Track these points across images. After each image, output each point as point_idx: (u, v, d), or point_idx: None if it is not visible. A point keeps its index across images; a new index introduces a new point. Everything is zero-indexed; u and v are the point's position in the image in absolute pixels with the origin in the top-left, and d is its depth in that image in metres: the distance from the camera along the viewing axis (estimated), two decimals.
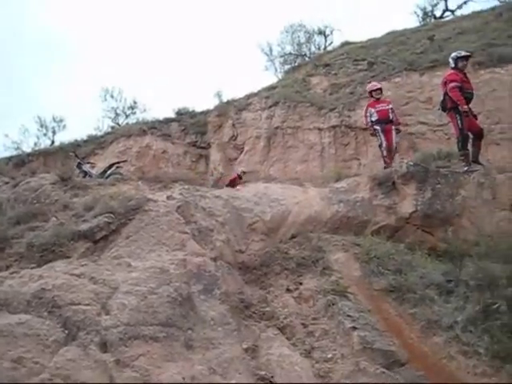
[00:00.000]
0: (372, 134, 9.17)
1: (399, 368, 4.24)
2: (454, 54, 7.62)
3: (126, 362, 3.60)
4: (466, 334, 4.43)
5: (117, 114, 25.09)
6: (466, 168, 6.82)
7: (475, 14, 16.58)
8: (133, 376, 3.51)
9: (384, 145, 8.65)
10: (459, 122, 7.25)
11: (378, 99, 9.00)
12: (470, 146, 7.20)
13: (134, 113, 25.03)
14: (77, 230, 5.03)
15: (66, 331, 3.71)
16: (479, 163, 7.01)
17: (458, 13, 21.82)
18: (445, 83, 7.50)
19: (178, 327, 4.07)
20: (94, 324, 3.80)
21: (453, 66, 7.55)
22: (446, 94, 7.46)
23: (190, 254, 4.95)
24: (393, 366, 4.25)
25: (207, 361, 3.91)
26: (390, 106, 8.93)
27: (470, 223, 6.18)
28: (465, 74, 7.50)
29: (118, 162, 11.70)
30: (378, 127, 8.77)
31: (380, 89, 9.16)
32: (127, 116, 25.05)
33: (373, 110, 8.94)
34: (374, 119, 8.84)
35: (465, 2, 22.79)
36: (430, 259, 5.76)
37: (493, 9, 16.57)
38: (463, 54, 7.50)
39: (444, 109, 7.63)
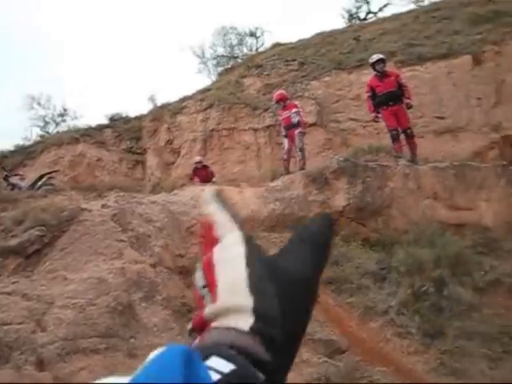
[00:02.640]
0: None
1: (340, 355, 4.42)
2: (370, 60, 8.14)
3: (65, 378, 3.51)
4: (400, 317, 4.70)
5: (46, 123, 24.06)
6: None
7: (395, 16, 17.47)
8: None
9: (285, 149, 9.08)
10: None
11: (285, 106, 9.25)
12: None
13: (65, 120, 24.11)
14: (6, 246, 4.83)
15: None
16: (413, 160, 7.41)
17: (380, 15, 22.88)
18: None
19: (119, 337, 4.01)
20: (28, 343, 3.67)
21: (373, 71, 8.04)
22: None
23: (129, 262, 4.88)
24: (334, 354, 4.42)
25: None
26: (294, 110, 9.08)
27: (399, 213, 6.51)
28: (386, 73, 7.94)
29: (49, 173, 11.28)
30: (284, 134, 9.25)
31: (281, 99, 9.36)
32: (57, 124, 24.07)
33: (280, 118, 9.50)
34: (282, 127, 9.32)
35: (385, 5, 23.93)
36: (364, 249, 6.03)
37: (410, 12, 17.56)
38: (375, 59, 7.99)
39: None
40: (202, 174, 11.95)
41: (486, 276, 5.20)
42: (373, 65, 8.04)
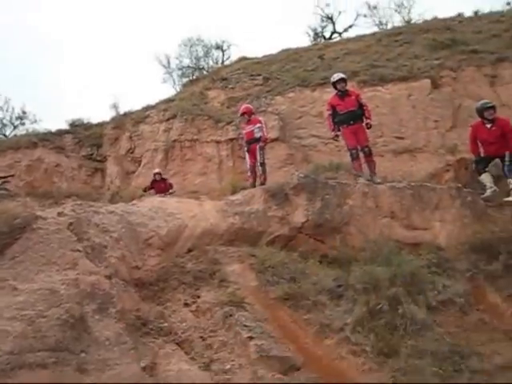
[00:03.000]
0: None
1: (295, 372, 4.41)
2: (331, 79, 8.29)
3: None
4: (355, 335, 4.74)
5: (3, 125, 23.40)
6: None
7: (359, 38, 18.03)
8: None
9: (248, 165, 9.16)
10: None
11: (249, 120, 9.32)
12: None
13: (23, 124, 23.52)
14: None
15: None
16: (372, 178, 7.59)
17: (345, 35, 23.52)
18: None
19: (69, 351, 3.86)
20: None
21: (334, 89, 8.19)
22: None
23: (83, 273, 4.73)
24: (289, 371, 4.40)
25: (102, 383, 3.77)
26: (258, 126, 9.10)
27: (357, 230, 6.61)
28: (347, 92, 8.10)
29: (4, 177, 10.94)
30: (245, 148, 9.34)
31: (246, 112, 9.41)
32: (15, 127, 23.42)
33: (243, 132, 9.64)
34: (244, 141, 9.46)
35: (350, 26, 24.65)
36: (322, 266, 6.07)
37: (374, 34, 18.15)
38: (336, 78, 8.16)
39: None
40: (161, 187, 11.93)
41: (439, 295, 5.33)
42: (334, 84, 8.19)
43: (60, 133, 17.71)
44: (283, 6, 47.43)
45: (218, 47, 24.97)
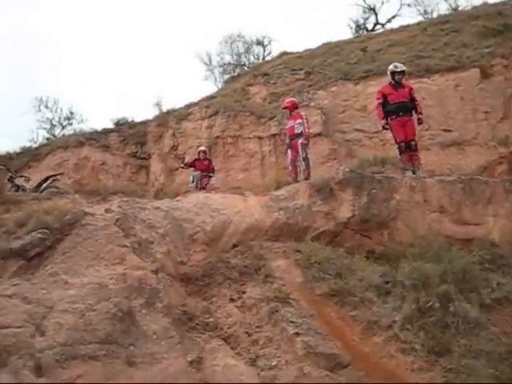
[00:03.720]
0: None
1: (342, 370, 4.33)
2: (390, 67, 8.03)
3: None
4: (404, 333, 4.62)
5: (52, 125, 24.25)
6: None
7: (403, 28, 17.53)
8: None
9: (289, 161, 9.07)
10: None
11: (291, 115, 9.28)
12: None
13: (71, 123, 24.33)
14: (8, 248, 4.77)
15: None
16: (414, 171, 7.44)
17: (388, 26, 22.94)
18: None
19: (118, 344, 3.95)
20: (27, 347, 3.61)
21: (390, 78, 7.95)
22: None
23: (130, 268, 4.82)
24: (336, 368, 4.33)
25: (151, 376, 3.82)
26: (298, 121, 9.06)
27: (405, 225, 6.44)
28: (401, 84, 7.93)
29: (54, 175, 11.27)
30: (287, 143, 9.28)
31: (287, 107, 9.39)
32: (64, 127, 24.27)
33: (286, 127, 9.51)
34: (286, 136, 9.34)
35: (393, 17, 24.01)
36: (369, 262, 5.95)
37: (418, 24, 17.59)
38: (399, 69, 7.92)
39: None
40: (203, 165, 11.87)
41: (493, 293, 5.11)
42: (393, 73, 7.94)
43: (105, 132, 18.17)
44: None
45: (259, 43, 24.99)
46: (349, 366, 4.38)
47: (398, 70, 7.90)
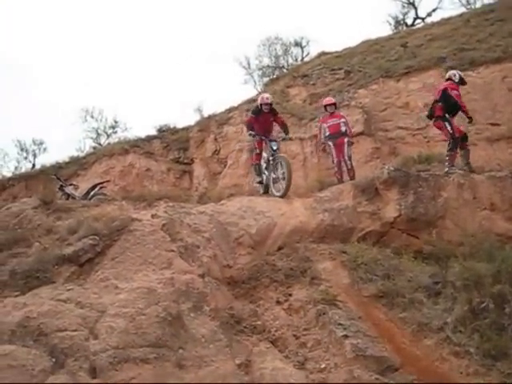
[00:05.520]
0: (323, 150, 9.62)
1: (393, 373, 4.24)
2: (459, 72, 8.23)
3: None
4: (457, 335, 4.47)
5: (98, 134, 25.02)
6: (446, 169, 6.99)
7: (444, 21, 16.99)
8: None
9: (335, 161, 8.87)
10: (449, 127, 7.52)
11: (332, 114, 9.13)
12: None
13: (116, 132, 25.00)
14: (61, 254, 4.97)
15: (54, 359, 3.64)
16: (470, 166, 7.27)
17: (428, 20, 22.31)
18: (442, 90, 7.71)
19: (168, 347, 4.02)
20: (82, 350, 3.74)
21: (456, 80, 7.97)
22: (436, 101, 7.71)
23: (178, 272, 4.91)
24: (386, 371, 4.24)
25: (200, 379, 3.87)
26: (343, 120, 9.05)
27: (454, 224, 6.25)
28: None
29: (101, 183, 11.57)
30: (330, 143, 8.96)
31: (334, 103, 9.31)
32: (109, 135, 24.98)
33: (325, 126, 9.16)
34: (327, 135, 9.04)
35: (434, 10, 23.33)
36: (417, 262, 5.81)
37: (461, 15, 17.02)
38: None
39: (430, 116, 7.87)
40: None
41: None
42: (460, 77, 8.10)
43: (149, 139, 18.51)
44: None
45: (297, 44, 24.84)
46: (400, 370, 4.28)
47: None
